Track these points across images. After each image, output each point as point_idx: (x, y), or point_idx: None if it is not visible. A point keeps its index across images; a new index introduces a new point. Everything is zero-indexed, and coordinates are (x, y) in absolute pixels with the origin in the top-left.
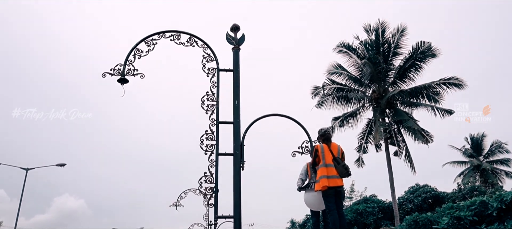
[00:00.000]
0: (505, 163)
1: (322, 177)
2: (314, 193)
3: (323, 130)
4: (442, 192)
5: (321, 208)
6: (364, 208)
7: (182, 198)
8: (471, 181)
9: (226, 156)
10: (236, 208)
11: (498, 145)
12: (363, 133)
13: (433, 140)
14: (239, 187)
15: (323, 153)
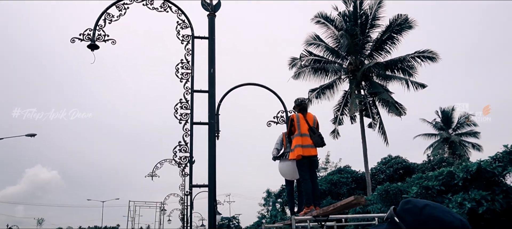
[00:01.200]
0: (472, 135)
1: (297, 146)
2: (289, 162)
3: (300, 100)
4: (412, 163)
5: (295, 177)
6: (338, 178)
7: (157, 168)
8: (440, 153)
9: (201, 125)
10: (211, 177)
11: (466, 118)
12: (339, 105)
13: (406, 113)
14: (214, 157)
15: (299, 123)
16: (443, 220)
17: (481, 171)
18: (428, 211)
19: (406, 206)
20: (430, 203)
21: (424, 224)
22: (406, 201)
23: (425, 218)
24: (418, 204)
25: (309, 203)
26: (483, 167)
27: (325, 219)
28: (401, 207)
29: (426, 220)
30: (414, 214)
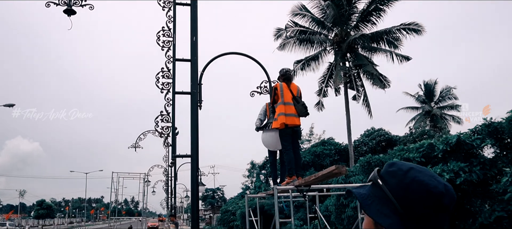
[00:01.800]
0: (453, 108)
1: (280, 114)
2: (272, 133)
3: (284, 70)
4: (395, 136)
5: (278, 147)
6: (322, 150)
7: (141, 139)
8: (421, 126)
9: (183, 94)
10: (194, 147)
11: (448, 91)
12: (324, 77)
13: (390, 86)
14: (196, 126)
15: (282, 91)
16: (428, 185)
17: (461, 143)
18: (413, 175)
19: (390, 169)
20: (415, 166)
21: (408, 188)
22: (390, 164)
23: (409, 181)
24: (403, 167)
25: (291, 173)
26: (462, 140)
27: (307, 189)
28: (385, 170)
29: (409, 184)
30: (398, 177)
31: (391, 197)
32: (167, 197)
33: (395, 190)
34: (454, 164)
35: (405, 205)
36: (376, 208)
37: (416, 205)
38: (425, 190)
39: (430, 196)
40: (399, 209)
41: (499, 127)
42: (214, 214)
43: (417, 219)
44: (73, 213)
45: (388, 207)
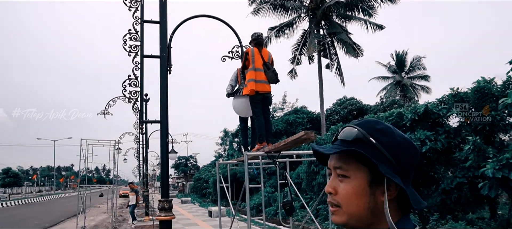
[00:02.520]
0: (423, 79)
1: (250, 80)
2: (243, 99)
3: (256, 35)
4: (366, 105)
5: (249, 114)
6: (294, 118)
7: (110, 106)
8: (392, 95)
9: (152, 58)
10: (163, 112)
11: (418, 61)
12: (298, 44)
13: (363, 55)
14: (166, 91)
15: (253, 57)
16: (412, 143)
17: (428, 112)
18: (400, 134)
19: (379, 127)
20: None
21: (400, 146)
22: (375, 121)
23: (401, 140)
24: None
25: (262, 139)
26: (429, 109)
27: (277, 155)
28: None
29: (401, 143)
30: (390, 135)
31: (388, 156)
32: (138, 165)
33: (389, 148)
34: (421, 133)
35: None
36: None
37: (408, 162)
38: (413, 148)
39: (416, 154)
40: (396, 167)
41: (465, 97)
42: (187, 182)
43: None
44: (42, 181)
45: (386, 165)
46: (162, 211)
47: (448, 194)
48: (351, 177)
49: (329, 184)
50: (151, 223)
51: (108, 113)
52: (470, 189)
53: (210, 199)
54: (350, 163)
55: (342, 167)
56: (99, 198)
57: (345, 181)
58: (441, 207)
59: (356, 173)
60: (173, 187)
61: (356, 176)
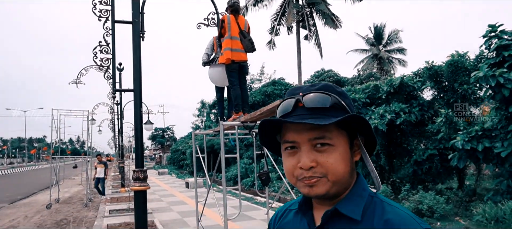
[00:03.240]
0: (399, 52)
1: (226, 49)
2: (219, 68)
3: (232, 1)
4: (343, 77)
5: (225, 83)
6: (272, 90)
7: (82, 74)
8: (369, 68)
9: (124, 24)
10: (136, 80)
11: (395, 34)
12: (277, 14)
13: (342, 26)
14: (139, 58)
15: (229, 25)
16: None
17: (403, 85)
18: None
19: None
20: None
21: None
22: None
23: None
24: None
25: (238, 109)
26: (405, 82)
27: (253, 125)
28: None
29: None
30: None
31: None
32: (114, 136)
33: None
34: (396, 105)
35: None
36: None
37: None
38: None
39: None
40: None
41: (439, 71)
42: (164, 153)
43: None
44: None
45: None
46: (137, 182)
47: (420, 165)
48: (336, 144)
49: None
50: (127, 195)
51: (80, 82)
52: (441, 160)
53: (188, 170)
54: (332, 130)
55: (326, 136)
56: (73, 170)
57: (329, 150)
58: (412, 178)
59: (339, 139)
60: (150, 159)
61: (340, 141)
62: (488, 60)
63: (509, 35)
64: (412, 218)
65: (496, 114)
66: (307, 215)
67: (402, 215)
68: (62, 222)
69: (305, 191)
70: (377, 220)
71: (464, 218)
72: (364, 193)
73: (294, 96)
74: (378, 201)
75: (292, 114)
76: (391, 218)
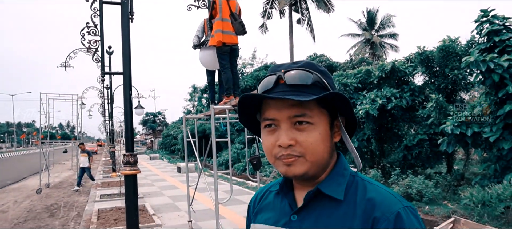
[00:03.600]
0: (391, 37)
1: (217, 31)
2: (210, 51)
3: None
4: (335, 62)
5: (216, 67)
6: (264, 74)
7: (71, 58)
8: (361, 53)
9: (112, 4)
10: (125, 63)
11: (388, 19)
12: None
13: (334, 10)
14: (128, 40)
15: (221, 6)
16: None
17: (395, 70)
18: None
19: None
20: None
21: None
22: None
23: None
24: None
25: (229, 92)
26: (396, 67)
27: None
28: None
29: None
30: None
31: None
32: (104, 121)
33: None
34: (388, 90)
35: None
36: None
37: None
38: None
39: None
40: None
41: (431, 56)
42: (155, 138)
43: None
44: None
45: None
46: (127, 166)
47: (410, 150)
48: (316, 123)
49: (287, 136)
50: (118, 179)
51: (69, 65)
52: (430, 145)
53: (179, 155)
54: (313, 108)
55: (306, 114)
56: (63, 154)
57: (309, 129)
58: (402, 163)
59: (320, 118)
60: (142, 144)
61: (321, 121)
62: (479, 45)
63: (501, 20)
64: (394, 197)
65: (485, 99)
66: (288, 196)
67: (384, 194)
68: (53, 207)
69: (282, 170)
70: (359, 199)
71: (452, 201)
72: (345, 173)
73: (276, 73)
74: (360, 180)
75: (273, 90)
76: (374, 197)
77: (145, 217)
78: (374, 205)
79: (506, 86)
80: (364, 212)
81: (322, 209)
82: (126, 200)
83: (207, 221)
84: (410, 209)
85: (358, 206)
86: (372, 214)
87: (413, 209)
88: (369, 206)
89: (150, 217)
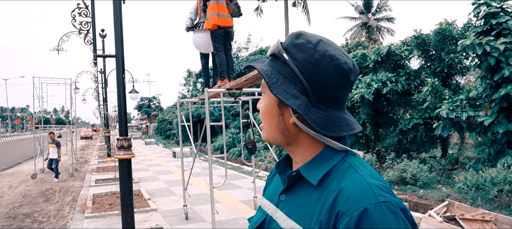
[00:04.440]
0: (388, 20)
1: (212, 14)
2: (203, 34)
3: None
4: None
5: (210, 50)
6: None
7: (64, 41)
8: (357, 37)
9: None
10: (118, 45)
11: (385, 3)
12: None
13: None
14: (120, 22)
15: None
16: (338, 60)
17: (391, 54)
18: (323, 48)
19: (297, 41)
20: (323, 38)
21: (318, 64)
22: (297, 34)
23: (319, 56)
24: (311, 39)
25: (223, 76)
26: (392, 51)
27: (239, 93)
28: (291, 41)
29: (320, 59)
30: (307, 50)
31: (299, 74)
32: (98, 105)
33: (303, 66)
34: (383, 74)
35: (314, 82)
36: (282, 87)
37: (325, 82)
38: (336, 65)
39: (341, 72)
40: (307, 88)
41: (427, 39)
42: (150, 123)
43: (324, 97)
44: None
45: (294, 85)
46: (121, 150)
47: (405, 135)
48: (265, 95)
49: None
50: (113, 164)
51: (62, 49)
52: (425, 129)
53: (175, 140)
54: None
55: (260, 85)
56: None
57: (263, 99)
58: (397, 147)
59: (267, 91)
60: (137, 129)
61: (268, 95)
62: (476, 28)
63: (498, 2)
64: (371, 189)
65: (481, 82)
66: (282, 174)
67: (360, 184)
68: (48, 192)
69: None
70: (334, 187)
71: (446, 185)
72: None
73: None
74: (346, 167)
75: None
76: (345, 187)
77: (140, 202)
78: (343, 196)
79: (502, 69)
80: (334, 203)
81: (302, 193)
82: (120, 184)
83: (202, 205)
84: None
85: (329, 195)
86: (338, 206)
87: (392, 205)
88: (339, 197)
89: (145, 202)
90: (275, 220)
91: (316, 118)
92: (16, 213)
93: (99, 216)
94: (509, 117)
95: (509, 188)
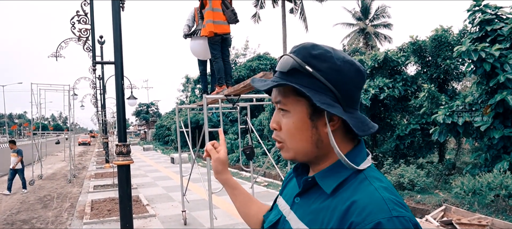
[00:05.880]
0: (386, 27)
1: (208, 21)
2: (201, 41)
3: None
4: None
5: (207, 56)
6: (257, 65)
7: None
8: (355, 43)
9: None
10: (117, 52)
11: (383, 9)
12: None
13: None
14: (119, 29)
15: None
16: (355, 64)
17: (387, 60)
18: (341, 55)
19: (315, 52)
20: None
21: (341, 70)
22: (311, 46)
23: (341, 63)
24: (327, 48)
25: (221, 82)
26: (389, 57)
27: (237, 99)
28: (308, 54)
29: (342, 66)
30: (329, 59)
31: (327, 84)
32: (97, 112)
33: (329, 75)
34: (380, 80)
35: (341, 88)
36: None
37: (349, 86)
38: (356, 69)
39: (360, 75)
40: (338, 95)
41: (423, 46)
42: (149, 129)
43: (350, 101)
44: None
45: (325, 95)
46: (120, 156)
47: (402, 140)
48: (291, 111)
49: (273, 119)
50: (111, 170)
51: (60, 55)
52: (422, 135)
53: (173, 146)
54: (289, 96)
55: (281, 102)
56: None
57: (286, 116)
58: (394, 152)
59: (295, 107)
60: (135, 135)
61: (295, 110)
62: (471, 35)
63: (493, 9)
64: (385, 203)
65: (477, 88)
66: (298, 178)
67: (374, 198)
68: (46, 198)
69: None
70: (346, 197)
71: (443, 190)
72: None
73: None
74: (362, 178)
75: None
76: (359, 199)
77: (139, 208)
78: (357, 208)
79: (497, 75)
80: (345, 213)
81: (316, 199)
82: (119, 190)
83: (200, 211)
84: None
85: (342, 205)
86: (351, 217)
87: (405, 220)
88: (352, 208)
89: (144, 208)
90: (288, 221)
91: (354, 122)
92: (14, 219)
93: (97, 222)
94: (505, 123)
95: (506, 193)
